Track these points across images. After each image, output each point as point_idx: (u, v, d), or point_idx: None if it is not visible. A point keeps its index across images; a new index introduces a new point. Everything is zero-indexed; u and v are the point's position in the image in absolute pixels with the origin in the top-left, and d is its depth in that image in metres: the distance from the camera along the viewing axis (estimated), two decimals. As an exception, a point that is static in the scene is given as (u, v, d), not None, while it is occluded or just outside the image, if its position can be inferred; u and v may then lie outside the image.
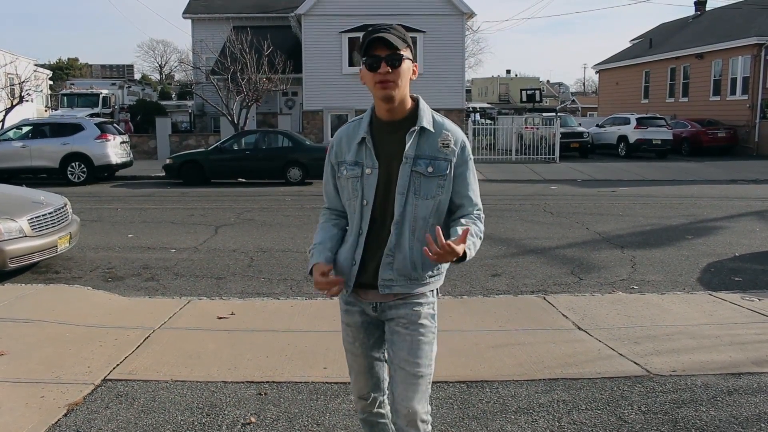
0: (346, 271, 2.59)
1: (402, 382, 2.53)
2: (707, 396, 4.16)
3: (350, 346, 2.73)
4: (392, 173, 2.50)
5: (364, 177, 2.52)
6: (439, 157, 2.51)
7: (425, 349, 2.57)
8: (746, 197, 14.88)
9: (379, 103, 2.51)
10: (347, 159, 2.56)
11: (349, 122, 2.65)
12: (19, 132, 18.83)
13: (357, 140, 2.54)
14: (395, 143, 2.50)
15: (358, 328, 2.69)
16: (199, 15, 31.34)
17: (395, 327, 2.59)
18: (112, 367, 4.59)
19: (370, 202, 2.52)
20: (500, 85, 77.48)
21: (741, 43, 27.17)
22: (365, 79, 2.48)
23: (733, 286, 7.19)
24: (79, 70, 79.24)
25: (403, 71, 2.43)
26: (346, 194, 2.59)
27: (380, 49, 2.40)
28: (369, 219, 2.53)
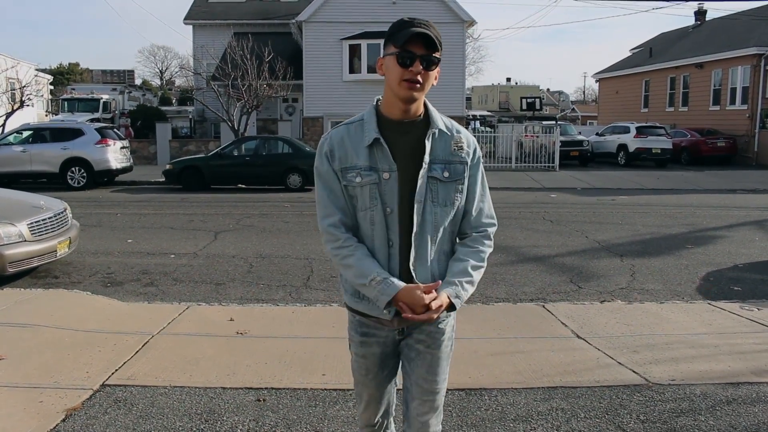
0: None
1: (418, 397, 2.46)
2: (706, 405, 4.16)
3: (362, 378, 2.55)
4: (408, 177, 2.30)
5: (382, 182, 2.28)
6: (454, 160, 2.36)
7: (443, 366, 2.50)
8: (745, 207, 14.90)
9: (395, 101, 2.29)
10: (358, 163, 2.29)
11: (344, 124, 2.39)
12: (19, 136, 18.84)
13: (366, 142, 2.29)
14: (409, 145, 2.32)
15: (373, 361, 2.50)
16: (200, 21, 31.45)
17: (417, 345, 2.45)
18: (111, 373, 4.59)
19: (395, 210, 2.29)
20: (500, 93, 77.60)
21: (741, 53, 27.26)
22: (389, 73, 2.26)
23: (732, 295, 7.19)
24: (80, 75, 79.28)
25: (432, 75, 2.27)
26: (360, 203, 2.30)
27: (417, 46, 2.21)
28: (398, 228, 2.30)
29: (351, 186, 2.30)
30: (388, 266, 2.31)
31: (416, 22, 2.24)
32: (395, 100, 2.29)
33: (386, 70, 2.28)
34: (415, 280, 2.31)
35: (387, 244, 2.31)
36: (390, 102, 2.32)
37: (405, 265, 2.32)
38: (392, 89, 2.27)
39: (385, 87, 2.32)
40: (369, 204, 2.29)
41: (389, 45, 2.27)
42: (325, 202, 2.35)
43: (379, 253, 2.32)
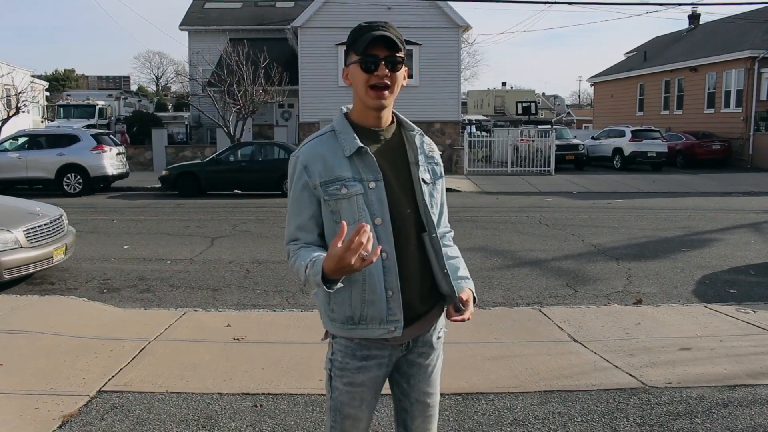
0: (380, 308, 2.19)
1: (420, 415, 2.39)
2: (702, 408, 4.17)
3: (355, 411, 2.31)
4: (394, 184, 2.22)
5: (368, 192, 2.17)
6: (430, 162, 2.34)
7: (439, 375, 2.44)
8: (741, 209, 14.94)
9: (366, 109, 2.22)
10: (341, 175, 2.17)
11: (316, 137, 2.27)
12: (15, 143, 18.82)
13: (347, 152, 2.18)
14: (389, 151, 2.26)
15: (370, 388, 2.31)
16: (195, 27, 31.47)
17: (415, 359, 2.36)
18: (108, 379, 4.58)
19: (386, 220, 2.18)
20: (496, 98, 77.75)
21: (735, 56, 27.37)
22: (354, 80, 2.20)
23: (728, 298, 7.21)
24: (76, 81, 79.27)
25: (399, 76, 2.20)
26: (346, 216, 2.16)
27: (379, 49, 2.15)
28: (392, 238, 2.18)
29: (334, 200, 2.17)
30: (385, 280, 2.18)
31: (374, 25, 2.19)
32: (366, 109, 2.23)
33: (352, 79, 2.21)
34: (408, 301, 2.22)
35: (381, 256, 2.15)
36: (361, 111, 2.25)
37: (403, 275, 2.21)
38: (361, 98, 2.21)
39: (354, 96, 2.25)
40: (357, 216, 2.15)
41: (351, 53, 2.21)
42: (290, 227, 2.28)
43: (373, 267, 2.13)
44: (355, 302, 2.20)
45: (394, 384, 2.42)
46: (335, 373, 2.31)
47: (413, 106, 25.19)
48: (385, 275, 2.18)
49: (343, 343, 2.29)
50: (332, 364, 2.33)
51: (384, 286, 2.18)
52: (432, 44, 25.35)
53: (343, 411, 2.31)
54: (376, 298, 2.18)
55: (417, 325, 2.29)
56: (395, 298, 2.19)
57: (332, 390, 2.33)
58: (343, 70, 2.29)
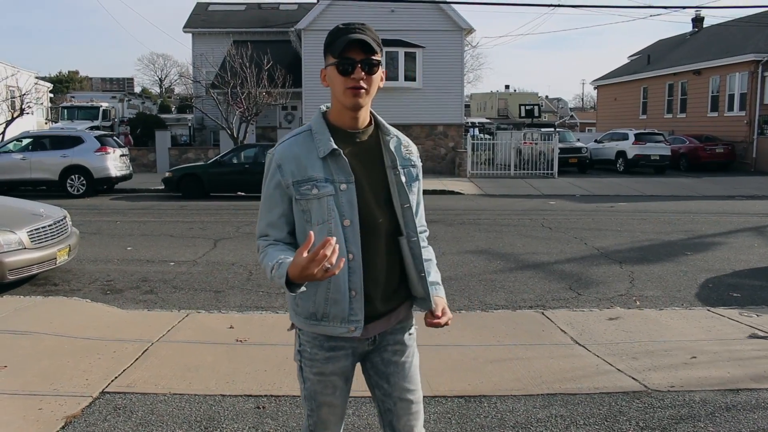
0: (342, 307, 2.25)
1: (405, 414, 2.40)
2: (705, 412, 4.16)
3: (329, 398, 2.38)
4: (366, 186, 2.26)
5: (339, 194, 2.22)
6: (407, 164, 2.36)
7: (417, 372, 2.46)
8: (744, 213, 14.92)
9: (343, 110, 2.25)
10: (313, 175, 2.22)
11: (292, 136, 2.32)
12: (19, 144, 18.87)
13: (321, 153, 2.22)
14: (363, 154, 2.29)
15: (340, 376, 2.37)
16: (199, 29, 31.54)
17: (391, 357, 2.39)
18: (111, 380, 4.59)
19: (354, 222, 2.22)
20: (499, 101, 77.78)
21: (738, 59, 27.35)
22: (331, 82, 2.23)
23: (732, 301, 7.20)
24: (80, 83, 79.40)
25: (376, 78, 2.23)
26: (315, 216, 2.23)
27: (355, 52, 2.18)
28: (359, 240, 2.23)
29: (305, 199, 2.23)
30: (349, 280, 2.23)
31: (351, 27, 2.22)
32: (343, 110, 2.25)
33: (330, 81, 2.24)
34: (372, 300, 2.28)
35: (347, 258, 2.21)
36: (339, 112, 2.28)
37: (365, 280, 2.25)
38: (338, 99, 2.24)
39: (332, 98, 2.28)
40: (326, 217, 2.21)
41: (328, 55, 2.24)
42: (262, 223, 2.33)
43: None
44: (319, 300, 2.26)
45: (375, 387, 2.44)
46: (305, 364, 2.37)
47: (416, 108, 25.23)
48: (350, 276, 2.23)
49: (311, 334, 2.35)
50: (301, 355, 2.39)
51: (348, 286, 2.23)
52: (435, 47, 25.37)
53: (317, 399, 2.38)
54: (340, 298, 2.24)
55: (380, 322, 2.34)
56: (358, 298, 2.24)
57: (304, 380, 2.39)
58: (321, 71, 2.32)
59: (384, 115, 2.46)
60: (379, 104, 2.43)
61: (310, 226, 2.24)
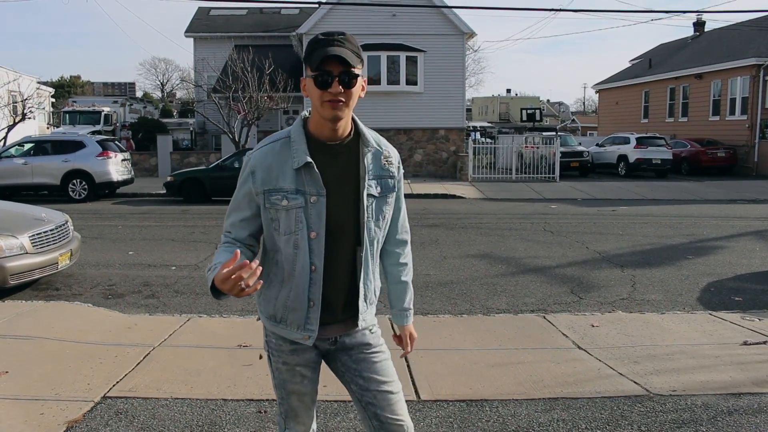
0: (300, 315, 2.32)
1: (388, 404, 2.41)
2: (707, 416, 4.15)
3: (297, 387, 2.45)
4: (338, 199, 2.27)
5: (309, 206, 2.23)
6: (384, 175, 2.36)
7: (391, 365, 2.49)
8: (746, 217, 14.91)
9: (323, 122, 2.23)
10: (284, 186, 2.23)
11: (270, 142, 2.31)
12: (20, 149, 18.90)
13: (295, 164, 2.22)
14: (339, 167, 2.28)
15: (306, 366, 2.44)
16: (201, 34, 31.61)
17: (359, 356, 2.43)
18: (112, 385, 4.59)
19: (321, 234, 2.25)
20: (500, 105, 77.87)
21: (740, 63, 27.35)
22: (311, 94, 2.21)
23: (733, 305, 7.19)
24: (81, 87, 79.61)
25: (354, 91, 2.20)
26: (284, 227, 2.26)
27: (333, 65, 2.15)
28: (323, 252, 2.26)
29: (274, 209, 2.25)
30: (309, 291, 2.29)
31: (330, 39, 2.19)
32: (323, 122, 2.23)
33: (308, 92, 2.23)
34: (331, 307, 2.34)
35: (309, 269, 2.27)
36: (318, 122, 2.26)
37: (327, 289, 2.30)
38: (318, 111, 2.22)
39: (312, 108, 2.27)
40: (294, 228, 2.24)
41: (307, 66, 2.21)
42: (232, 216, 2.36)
43: (299, 278, 2.28)
44: (279, 305, 2.35)
45: (350, 383, 2.46)
46: (272, 354, 2.47)
47: (418, 112, 25.24)
48: (311, 287, 2.29)
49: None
50: (269, 346, 2.48)
51: (307, 296, 2.30)
52: (436, 51, 25.39)
53: (287, 387, 2.47)
54: (298, 306, 2.31)
55: (338, 326, 2.40)
56: (315, 309, 2.31)
57: (274, 370, 2.48)
58: (301, 80, 2.31)
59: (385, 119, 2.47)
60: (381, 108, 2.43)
61: (278, 234, 2.28)
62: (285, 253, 2.29)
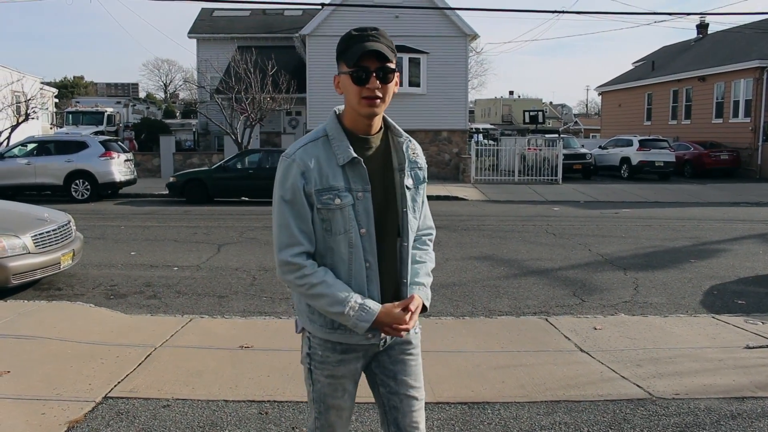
0: None
1: (410, 410, 2.41)
2: (711, 420, 4.14)
3: (338, 401, 2.38)
4: (378, 193, 2.26)
5: (357, 203, 2.21)
6: (414, 167, 2.38)
7: (421, 369, 2.48)
8: (749, 220, 14.87)
9: (359, 118, 2.23)
10: (335, 184, 2.19)
11: (309, 141, 2.26)
12: (24, 149, 18.93)
13: (341, 161, 2.20)
14: (376, 159, 2.28)
15: (350, 378, 2.38)
16: (204, 35, 31.64)
17: (399, 356, 2.41)
18: (114, 385, 4.59)
19: (370, 230, 2.23)
20: (503, 107, 77.83)
21: (743, 66, 27.32)
22: (346, 91, 2.21)
23: (737, 309, 7.17)
24: (85, 88, 79.67)
25: (391, 86, 2.21)
26: (337, 226, 2.21)
27: (370, 61, 2.14)
28: (375, 248, 2.24)
29: (326, 209, 2.19)
30: (367, 289, 2.25)
31: (365, 35, 2.18)
32: (359, 118, 2.23)
33: (344, 89, 2.22)
34: (404, 295, 2.32)
35: (365, 266, 2.23)
36: (353, 118, 2.25)
37: (386, 285, 2.29)
38: (353, 108, 2.22)
39: (346, 104, 2.26)
40: (347, 226, 2.20)
41: (341, 63, 2.21)
42: (291, 230, 2.21)
43: (357, 276, 2.24)
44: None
45: (380, 385, 2.44)
46: (315, 366, 2.36)
47: (420, 114, 25.23)
48: (368, 285, 2.26)
49: (318, 340, 2.36)
50: (311, 358, 2.38)
51: (367, 295, 2.25)
52: (439, 53, 25.40)
53: (326, 402, 2.38)
54: None
55: None
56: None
57: (313, 383, 2.39)
58: (334, 78, 2.29)
59: (387, 120, 2.45)
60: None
61: (330, 234, 2.22)
62: (339, 254, 2.23)
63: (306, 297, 2.25)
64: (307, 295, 2.23)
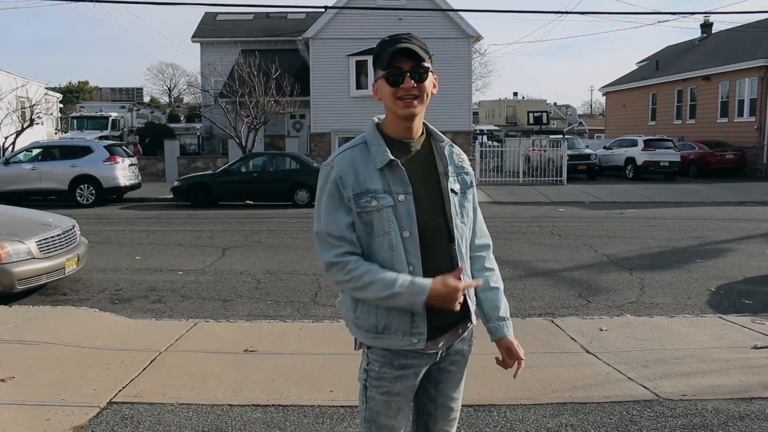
0: (404, 319, 2.21)
1: (443, 419, 2.43)
2: (718, 421, 4.11)
3: (391, 421, 2.32)
4: (423, 197, 2.24)
5: (398, 205, 2.20)
6: (460, 171, 2.37)
7: (463, 382, 2.49)
8: (755, 219, 14.81)
9: (397, 121, 2.25)
10: (372, 187, 2.19)
11: (348, 148, 2.28)
12: (29, 154, 19.00)
13: (378, 164, 2.21)
14: (419, 164, 2.28)
15: (405, 396, 2.32)
16: (207, 39, 31.74)
17: (448, 366, 2.39)
18: (118, 390, 4.58)
19: (413, 233, 2.20)
20: (507, 108, 77.82)
21: (748, 65, 27.22)
22: (383, 94, 2.23)
23: (743, 309, 7.13)
24: (89, 93, 79.98)
25: (427, 86, 2.22)
26: (377, 228, 2.20)
27: (403, 61, 2.17)
28: (419, 251, 2.21)
29: (366, 212, 2.20)
30: None
31: (397, 38, 2.21)
32: (398, 120, 2.25)
33: (381, 94, 2.24)
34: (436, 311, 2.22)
35: (407, 269, 2.19)
36: (393, 123, 2.27)
37: None
38: (391, 110, 2.23)
39: (386, 109, 2.28)
40: (386, 228, 2.19)
41: (377, 69, 2.24)
42: (332, 234, 2.21)
43: None
44: (381, 311, 2.22)
45: (420, 389, 2.40)
46: (371, 383, 2.31)
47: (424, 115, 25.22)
48: None
49: (380, 352, 2.29)
50: (368, 374, 2.32)
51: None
52: (443, 54, 25.33)
53: (379, 421, 2.32)
54: (402, 309, 2.19)
55: (447, 336, 2.32)
56: (420, 311, 2.19)
57: (367, 400, 2.33)
58: (372, 86, 2.31)
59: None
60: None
61: (372, 237, 2.21)
62: (381, 256, 2.21)
63: (357, 291, 2.20)
64: (357, 288, 2.19)
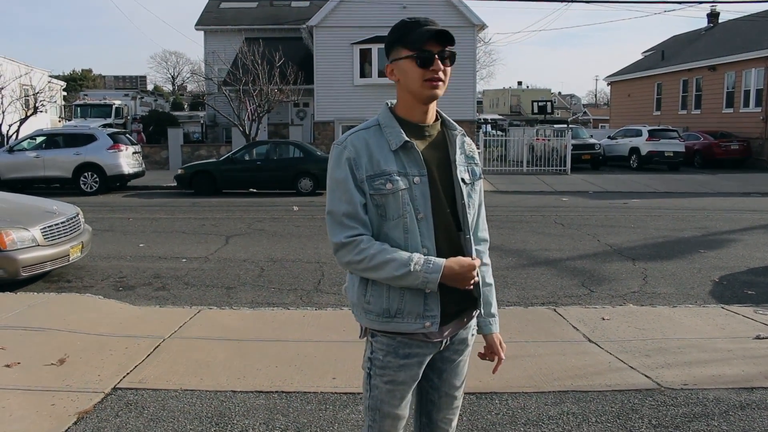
0: (417, 302, 2.19)
1: (446, 407, 2.44)
2: (719, 410, 4.12)
3: (394, 410, 2.31)
4: (436, 182, 2.22)
5: (412, 187, 2.17)
6: (470, 161, 2.35)
7: (466, 371, 2.50)
8: (759, 210, 14.78)
9: (414, 104, 2.22)
10: (387, 169, 2.16)
11: (361, 129, 2.25)
12: (33, 142, 19.03)
13: (393, 146, 2.17)
14: (433, 148, 2.25)
15: (410, 385, 2.32)
16: (211, 27, 31.65)
17: (452, 356, 2.39)
18: (122, 376, 4.61)
19: (428, 216, 2.18)
20: (511, 97, 77.62)
21: (754, 55, 27.07)
22: (407, 76, 2.18)
23: (746, 299, 7.13)
24: (93, 81, 79.94)
25: (449, 70, 2.22)
26: (391, 211, 2.16)
27: (434, 45, 2.16)
28: (434, 234, 2.19)
29: (379, 194, 2.16)
30: None
31: (423, 20, 2.21)
32: (416, 103, 2.22)
33: (402, 74, 2.19)
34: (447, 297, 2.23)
35: (421, 252, 2.16)
36: (409, 105, 2.24)
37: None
38: (413, 91, 2.19)
39: (401, 91, 2.24)
40: (401, 211, 2.16)
41: (399, 48, 2.20)
42: (343, 215, 2.17)
43: None
44: (393, 294, 2.19)
45: (424, 378, 2.39)
46: (375, 372, 2.30)
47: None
48: None
49: (385, 341, 2.27)
50: (372, 362, 2.31)
51: None
52: (447, 43, 25.29)
53: (383, 410, 2.31)
54: (415, 292, 2.17)
55: (453, 324, 2.31)
56: (433, 294, 2.18)
57: (371, 389, 2.32)
58: (386, 67, 2.28)
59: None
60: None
61: (385, 220, 2.18)
62: (394, 239, 2.17)
63: (369, 271, 2.15)
64: (369, 268, 2.14)
